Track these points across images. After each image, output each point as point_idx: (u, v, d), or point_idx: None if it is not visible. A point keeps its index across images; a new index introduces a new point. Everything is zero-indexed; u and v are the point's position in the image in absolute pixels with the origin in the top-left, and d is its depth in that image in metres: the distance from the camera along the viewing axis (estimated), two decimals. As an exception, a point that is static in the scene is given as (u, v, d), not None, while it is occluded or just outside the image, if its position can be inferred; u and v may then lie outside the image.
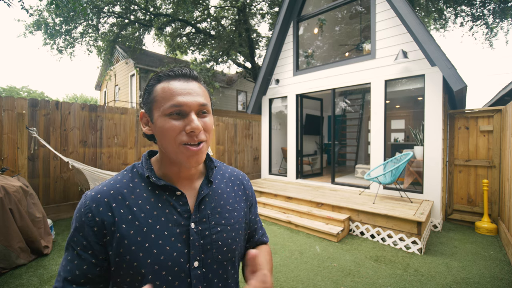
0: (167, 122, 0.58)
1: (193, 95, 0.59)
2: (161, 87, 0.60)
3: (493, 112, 3.95)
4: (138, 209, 0.59)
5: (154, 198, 0.61)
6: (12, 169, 3.53)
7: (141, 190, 0.61)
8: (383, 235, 3.28)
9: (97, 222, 0.56)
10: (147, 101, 0.62)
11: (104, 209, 0.57)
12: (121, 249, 0.56)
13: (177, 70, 0.62)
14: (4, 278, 2.34)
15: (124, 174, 0.65)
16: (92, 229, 0.56)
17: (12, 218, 2.48)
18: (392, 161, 4.13)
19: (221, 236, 0.64)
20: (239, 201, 0.74)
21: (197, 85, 0.62)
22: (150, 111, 0.61)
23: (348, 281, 2.38)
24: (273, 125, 6.66)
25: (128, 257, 0.56)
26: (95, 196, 0.59)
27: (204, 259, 0.61)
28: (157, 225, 0.59)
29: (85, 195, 0.60)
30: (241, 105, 14.47)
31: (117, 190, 0.60)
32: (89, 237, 0.56)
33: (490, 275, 2.49)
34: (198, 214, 0.63)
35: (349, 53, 6.36)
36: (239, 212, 0.72)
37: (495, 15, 9.17)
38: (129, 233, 0.56)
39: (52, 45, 9.16)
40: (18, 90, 26.49)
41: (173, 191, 0.63)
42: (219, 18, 10.60)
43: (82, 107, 4.36)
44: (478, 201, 4.05)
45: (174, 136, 0.58)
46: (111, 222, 0.57)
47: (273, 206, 4.38)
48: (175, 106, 0.57)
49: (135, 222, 0.58)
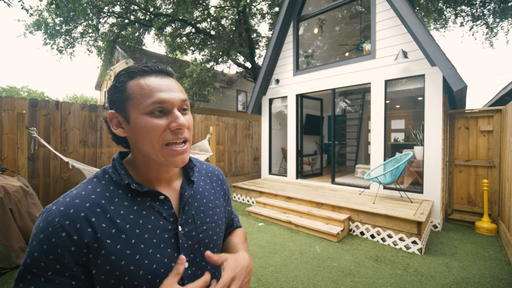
0: (149, 121, 0.54)
1: (174, 91, 0.57)
2: (136, 84, 0.55)
3: (493, 112, 3.95)
4: (121, 221, 0.54)
5: (137, 206, 0.57)
6: (12, 169, 3.53)
7: (120, 199, 0.56)
8: (383, 235, 3.28)
9: (75, 241, 0.49)
10: (118, 100, 0.57)
11: (83, 226, 0.50)
12: (107, 266, 0.51)
13: (152, 65, 0.57)
14: (4, 278, 2.35)
15: (95, 181, 0.58)
16: (68, 250, 0.49)
17: (12, 218, 2.48)
18: (392, 161, 4.13)
19: (207, 234, 0.65)
20: (218, 197, 0.75)
21: (174, 81, 0.59)
22: (124, 110, 0.56)
23: (348, 281, 2.38)
24: (273, 125, 6.66)
25: (118, 273, 0.51)
26: (65, 211, 0.50)
27: (193, 258, 0.61)
28: (144, 234, 0.55)
29: (47, 211, 0.51)
30: (241, 105, 14.47)
31: (93, 202, 0.53)
32: (65, 258, 0.48)
33: (490, 275, 2.49)
34: (183, 216, 0.62)
35: (349, 53, 6.36)
36: (220, 208, 0.73)
37: (495, 15, 9.16)
38: (116, 248, 0.52)
39: (52, 45, 9.15)
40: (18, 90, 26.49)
41: (156, 195, 0.60)
42: (219, 18, 10.60)
43: (82, 107, 4.36)
44: (478, 201, 4.05)
45: (158, 135, 0.54)
46: (92, 238, 0.50)
47: (273, 206, 4.38)
48: (157, 103, 0.54)
49: (121, 235, 0.53)
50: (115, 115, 0.58)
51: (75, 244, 0.49)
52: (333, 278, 2.43)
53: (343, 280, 2.40)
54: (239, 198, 5.55)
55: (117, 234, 0.53)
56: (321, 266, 2.67)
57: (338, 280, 2.41)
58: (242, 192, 5.44)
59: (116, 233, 0.53)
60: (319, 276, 2.47)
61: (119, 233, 0.53)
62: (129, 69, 0.58)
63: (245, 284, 0.58)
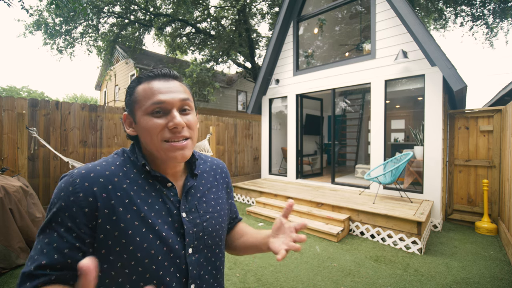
0: (150, 120, 0.58)
1: (174, 92, 0.61)
2: (141, 88, 0.61)
3: (493, 112, 3.95)
4: (135, 194, 0.58)
5: (148, 186, 0.61)
6: (12, 169, 3.53)
7: (135, 177, 0.61)
8: (383, 235, 3.28)
9: (89, 203, 0.53)
10: (129, 103, 0.63)
11: (99, 190, 0.54)
12: (116, 232, 0.54)
13: (156, 70, 0.62)
14: (4, 278, 2.35)
15: (115, 157, 0.63)
16: (82, 210, 0.52)
17: (12, 218, 2.48)
18: (392, 161, 4.13)
19: (211, 223, 0.68)
20: (221, 189, 0.78)
21: (177, 83, 0.63)
22: (133, 112, 0.62)
23: (348, 281, 2.38)
24: (273, 125, 6.66)
25: (124, 241, 0.54)
26: (86, 174, 0.55)
27: (197, 245, 0.64)
28: (152, 212, 0.59)
29: (71, 173, 0.55)
30: (241, 105, 14.47)
31: (112, 172, 0.58)
32: (78, 218, 0.52)
33: (490, 275, 2.49)
34: (186, 205, 0.65)
35: (349, 53, 6.36)
36: (222, 199, 0.77)
37: (495, 15, 9.16)
38: (126, 217, 0.55)
39: (52, 45, 9.16)
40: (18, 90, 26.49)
41: (165, 182, 0.64)
42: (219, 18, 10.60)
43: (82, 107, 4.36)
44: (478, 201, 4.05)
45: (156, 133, 0.58)
46: (105, 204, 0.54)
47: (273, 206, 4.38)
48: (156, 104, 0.58)
49: (133, 206, 0.57)
50: (128, 116, 0.64)
51: (89, 206, 0.53)
52: (333, 278, 2.43)
53: (343, 280, 2.40)
54: (239, 198, 5.55)
55: (129, 205, 0.57)
56: (321, 266, 2.67)
57: (338, 280, 2.41)
58: (242, 192, 5.44)
59: (128, 204, 0.57)
60: (319, 276, 2.47)
61: (131, 204, 0.57)
62: (138, 76, 0.64)
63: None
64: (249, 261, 2.76)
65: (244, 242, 0.80)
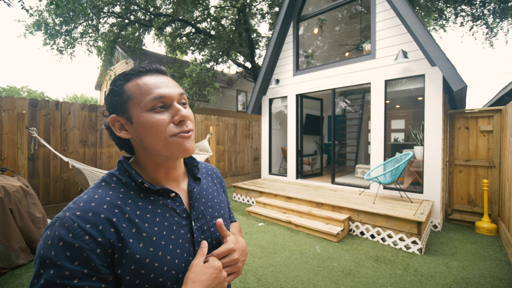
0: (152, 117, 0.55)
1: (171, 86, 0.59)
2: (133, 84, 0.57)
3: (493, 112, 3.95)
4: (140, 220, 0.55)
5: (151, 205, 0.58)
6: (12, 169, 3.53)
7: (134, 200, 0.57)
8: (383, 235, 3.28)
9: (99, 243, 0.48)
10: (118, 103, 0.58)
11: (105, 227, 0.50)
12: (132, 265, 0.51)
13: (146, 65, 0.60)
14: (4, 278, 2.35)
15: (104, 185, 0.57)
16: (94, 252, 0.47)
17: (12, 218, 2.48)
18: (392, 161, 4.13)
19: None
20: (220, 192, 0.79)
21: (168, 78, 0.62)
22: (126, 112, 0.57)
23: (348, 281, 2.38)
24: (273, 125, 6.66)
25: (143, 271, 0.51)
26: (83, 215, 0.49)
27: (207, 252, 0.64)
28: (163, 231, 0.57)
29: (61, 219, 0.49)
30: (241, 105, 14.46)
31: (109, 203, 0.54)
32: (92, 261, 0.47)
33: (490, 275, 2.49)
34: (194, 212, 0.65)
35: (349, 53, 6.36)
36: (224, 202, 0.78)
37: (495, 15, 9.16)
38: (139, 247, 0.52)
39: (52, 45, 9.15)
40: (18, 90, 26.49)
41: (167, 193, 0.61)
42: (219, 18, 10.60)
43: (82, 107, 4.36)
44: (478, 201, 4.05)
45: (163, 129, 0.55)
46: (116, 238, 0.50)
47: (273, 206, 4.38)
48: (157, 99, 0.56)
49: (142, 233, 0.54)
50: (116, 118, 0.59)
51: (100, 246, 0.48)
52: (333, 278, 2.43)
53: (343, 280, 2.40)
54: (239, 198, 5.55)
55: (138, 233, 0.54)
56: (321, 266, 2.67)
57: (338, 280, 2.41)
58: (242, 192, 5.44)
59: (136, 232, 0.54)
60: (319, 276, 2.47)
61: (139, 232, 0.54)
62: (124, 73, 0.59)
63: (242, 262, 0.64)
64: (249, 261, 2.76)
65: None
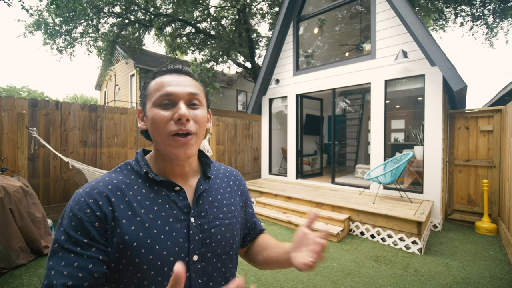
0: (157, 112, 0.58)
1: (184, 85, 0.61)
2: (154, 82, 0.62)
3: (493, 112, 3.95)
4: (138, 205, 0.58)
5: (153, 193, 0.61)
6: (12, 169, 3.53)
7: (139, 187, 0.61)
8: (383, 235, 3.28)
9: (98, 217, 0.54)
10: (142, 97, 0.65)
11: (104, 203, 0.55)
12: (121, 245, 0.54)
13: (170, 66, 0.64)
14: (4, 278, 2.35)
15: (118, 171, 0.63)
16: (93, 225, 0.53)
17: (12, 218, 2.48)
18: (392, 161, 4.13)
19: (220, 230, 0.65)
20: (235, 196, 0.75)
21: (189, 79, 0.64)
22: (144, 105, 0.63)
23: (348, 281, 2.38)
24: (273, 125, 6.66)
25: (129, 253, 0.54)
26: (90, 192, 0.56)
27: (204, 253, 0.61)
28: (158, 220, 0.58)
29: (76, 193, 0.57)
30: (241, 105, 14.46)
31: (114, 185, 0.59)
32: (91, 233, 0.53)
33: (490, 275, 2.49)
34: (196, 209, 0.63)
35: (349, 53, 6.36)
36: (236, 206, 0.73)
37: (495, 15, 9.16)
38: (130, 229, 0.55)
39: (52, 45, 9.15)
40: (18, 90, 26.49)
41: (172, 186, 0.63)
42: (219, 18, 10.60)
43: (82, 107, 4.36)
44: (478, 201, 4.05)
45: (163, 125, 0.58)
46: (111, 217, 0.55)
47: (273, 206, 4.38)
48: (164, 95, 0.59)
49: (136, 217, 0.56)
50: (141, 110, 0.66)
51: (99, 220, 0.54)
52: (333, 278, 2.43)
53: (343, 280, 2.40)
54: (239, 198, 5.54)
55: (133, 216, 0.56)
56: (321, 266, 2.67)
57: (338, 280, 2.41)
58: (242, 192, 5.43)
59: (131, 215, 0.57)
60: (319, 276, 2.47)
61: (134, 216, 0.57)
62: (155, 71, 0.65)
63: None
64: (249, 261, 2.76)
65: (265, 258, 0.75)
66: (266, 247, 0.77)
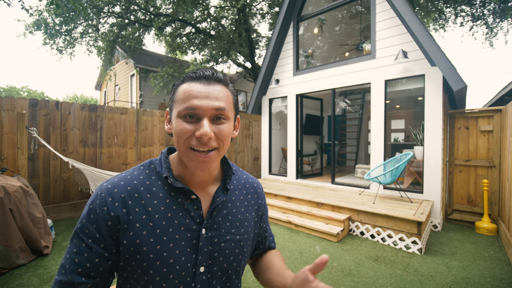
0: (180, 124, 0.58)
1: (211, 98, 0.57)
2: (182, 88, 0.59)
3: (493, 112, 3.95)
4: (153, 210, 0.59)
5: (170, 199, 0.61)
6: (12, 169, 3.53)
7: (157, 189, 0.61)
8: (383, 235, 3.28)
9: (111, 217, 0.56)
10: (171, 100, 0.64)
11: (120, 205, 0.57)
12: (132, 247, 0.56)
13: (199, 71, 0.60)
14: (4, 278, 2.35)
15: (141, 169, 0.64)
16: (106, 223, 0.55)
17: (12, 218, 2.48)
18: (392, 161, 4.13)
19: (229, 245, 0.64)
20: (250, 210, 0.73)
21: (219, 88, 0.59)
22: (171, 110, 0.63)
23: (348, 281, 2.38)
24: (273, 125, 6.66)
25: (139, 256, 0.56)
26: (111, 189, 0.58)
27: (210, 265, 0.61)
28: (169, 228, 0.58)
29: (100, 186, 0.60)
30: (241, 105, 14.46)
31: (134, 187, 0.60)
32: (103, 230, 0.55)
33: (490, 275, 2.49)
34: (210, 220, 0.63)
35: (349, 53, 6.36)
36: (250, 222, 0.71)
37: (495, 15, 9.17)
38: (142, 233, 0.56)
39: (52, 45, 9.15)
40: (18, 90, 26.49)
41: (189, 194, 0.62)
42: (219, 18, 10.60)
43: (82, 107, 4.36)
44: (478, 201, 4.05)
45: (184, 139, 0.57)
46: (125, 219, 0.56)
47: (273, 206, 4.38)
48: (189, 109, 0.56)
49: (149, 223, 0.57)
50: (168, 112, 0.65)
51: (112, 220, 0.56)
52: (333, 278, 2.43)
53: (343, 280, 2.40)
54: (239, 198, 5.54)
55: (146, 221, 0.58)
56: (321, 266, 2.67)
57: (338, 280, 2.41)
58: (242, 192, 5.43)
59: (145, 220, 0.58)
60: (319, 276, 2.47)
61: (148, 220, 0.58)
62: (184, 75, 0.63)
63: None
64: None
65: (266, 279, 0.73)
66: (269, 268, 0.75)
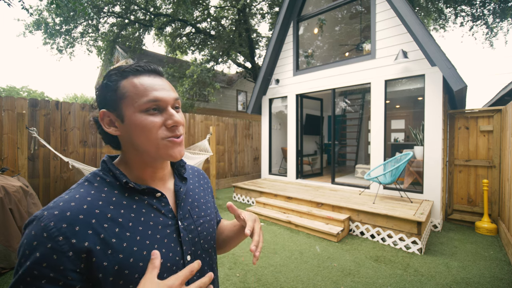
0: (145, 118, 0.55)
1: (167, 90, 0.59)
2: (129, 83, 0.56)
3: (493, 112, 3.95)
4: (123, 219, 0.54)
5: (136, 204, 0.58)
6: (12, 169, 3.53)
7: (118, 199, 0.56)
8: (383, 235, 3.28)
9: (73, 245, 0.47)
10: (110, 99, 0.57)
11: (82, 228, 0.48)
12: (116, 266, 0.50)
13: (145, 65, 0.59)
14: (4, 278, 2.35)
15: (87, 185, 0.56)
16: (65, 255, 0.46)
17: (12, 218, 2.48)
18: (392, 161, 4.13)
19: (204, 227, 0.69)
20: (206, 193, 0.79)
21: (165, 81, 0.62)
22: (117, 109, 0.57)
23: (348, 281, 2.38)
24: (273, 125, 6.66)
25: (127, 271, 0.51)
26: (61, 215, 0.48)
27: (194, 251, 0.64)
28: (148, 231, 0.56)
29: (38, 218, 0.48)
30: (241, 105, 14.46)
31: (90, 203, 0.52)
32: (61, 265, 0.45)
33: (490, 275, 2.49)
34: (180, 212, 0.65)
35: (349, 53, 6.36)
36: (210, 203, 0.78)
37: (495, 15, 9.17)
38: (122, 246, 0.51)
39: (52, 44, 9.15)
40: (18, 90, 26.48)
41: (153, 193, 0.61)
42: (219, 18, 10.59)
43: (82, 107, 4.36)
44: (478, 201, 4.05)
45: (155, 132, 0.56)
46: (94, 241, 0.49)
47: (273, 206, 4.38)
48: (152, 101, 0.55)
49: (126, 233, 0.53)
50: (106, 114, 0.58)
51: (73, 249, 0.47)
52: (333, 278, 2.43)
53: (343, 280, 2.40)
54: (239, 198, 5.55)
55: (122, 233, 0.53)
56: (321, 266, 2.67)
57: (338, 280, 2.41)
58: (242, 192, 5.44)
59: (120, 232, 0.53)
60: (319, 276, 2.47)
61: (123, 231, 0.53)
62: (121, 68, 0.58)
63: (260, 229, 0.70)
64: (249, 261, 2.76)
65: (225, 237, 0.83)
66: (223, 230, 0.84)
